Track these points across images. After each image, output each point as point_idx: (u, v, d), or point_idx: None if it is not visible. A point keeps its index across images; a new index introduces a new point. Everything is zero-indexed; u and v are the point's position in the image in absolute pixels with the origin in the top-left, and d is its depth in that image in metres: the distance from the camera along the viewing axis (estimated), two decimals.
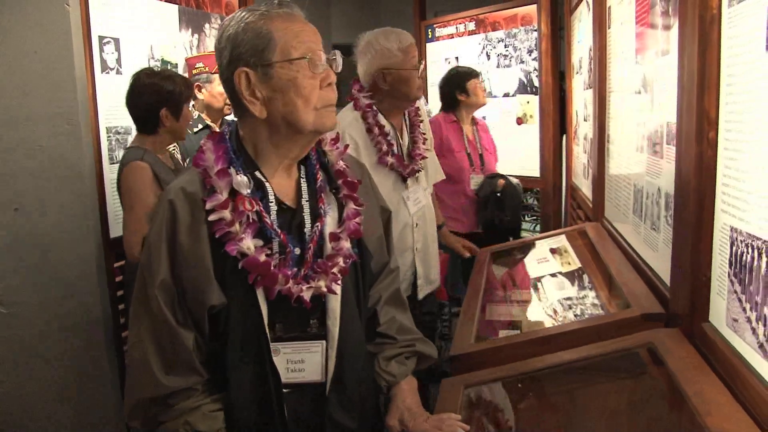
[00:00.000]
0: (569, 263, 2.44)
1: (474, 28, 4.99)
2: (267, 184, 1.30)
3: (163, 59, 3.07)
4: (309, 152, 1.38)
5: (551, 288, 2.25)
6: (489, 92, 4.81)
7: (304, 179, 1.37)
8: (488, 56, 4.86)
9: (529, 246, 2.93)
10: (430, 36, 5.45)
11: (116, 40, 2.73)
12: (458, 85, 3.73)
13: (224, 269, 1.25)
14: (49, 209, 2.46)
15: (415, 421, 1.40)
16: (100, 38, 2.64)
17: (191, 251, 1.24)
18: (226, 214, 1.24)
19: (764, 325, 1.06)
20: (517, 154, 4.64)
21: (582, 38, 3.39)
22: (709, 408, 1.10)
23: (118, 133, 2.70)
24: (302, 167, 1.38)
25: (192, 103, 3.25)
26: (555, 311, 2.00)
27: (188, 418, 1.26)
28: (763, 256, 1.06)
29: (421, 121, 2.56)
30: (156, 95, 2.38)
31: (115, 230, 2.63)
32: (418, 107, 2.57)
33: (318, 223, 1.33)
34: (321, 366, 1.33)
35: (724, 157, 1.24)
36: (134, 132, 2.54)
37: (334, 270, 1.32)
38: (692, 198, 1.34)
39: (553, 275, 2.37)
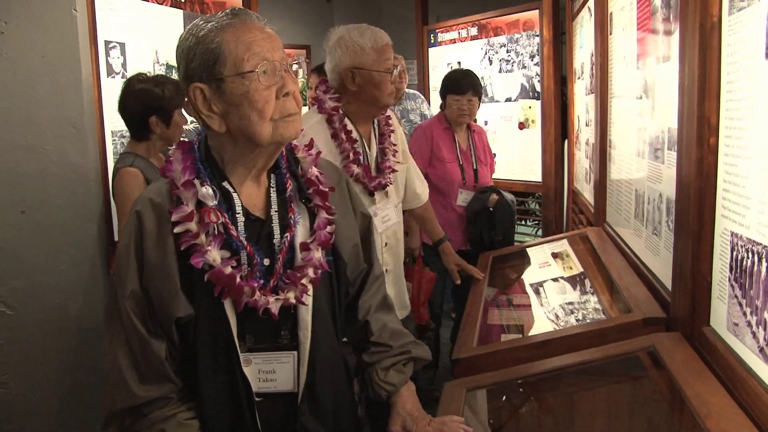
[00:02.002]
0: (571, 268, 2.45)
1: (476, 33, 5.01)
2: (234, 195, 1.28)
3: (168, 63, 3.09)
4: (279, 160, 1.35)
5: (553, 292, 2.26)
6: (491, 97, 4.83)
7: (274, 189, 1.34)
8: (490, 61, 4.87)
9: (531, 250, 2.94)
10: (432, 41, 5.47)
11: (122, 45, 2.75)
12: (442, 93, 3.44)
13: (192, 281, 1.23)
14: (54, 212, 2.47)
15: (418, 426, 1.41)
16: (106, 42, 2.66)
17: (158, 263, 1.23)
18: (192, 225, 1.22)
19: (764, 329, 1.08)
20: (519, 158, 4.66)
21: (584, 43, 3.41)
22: (709, 410, 1.11)
23: (123, 137, 2.71)
24: (272, 176, 1.35)
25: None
26: (557, 316, 2.01)
27: (163, 426, 1.25)
28: (763, 260, 1.07)
29: (393, 131, 2.34)
30: (144, 103, 2.35)
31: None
32: (390, 116, 2.36)
33: (287, 234, 1.30)
34: (293, 376, 1.32)
35: (725, 162, 1.26)
36: None
37: (304, 281, 1.29)
38: (693, 203, 1.35)
39: (555, 280, 2.38)
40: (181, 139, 1.34)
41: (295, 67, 1.25)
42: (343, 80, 2.13)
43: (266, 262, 1.28)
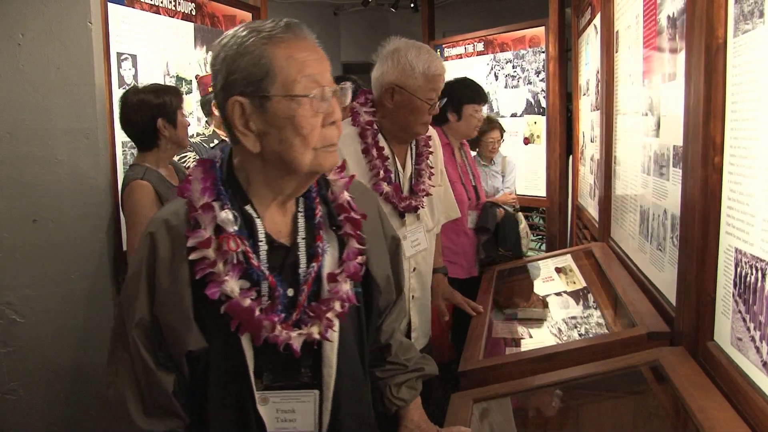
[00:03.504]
0: (574, 282, 2.47)
1: (482, 49, 5.06)
2: (257, 221, 1.17)
3: (178, 75, 3.13)
4: None
5: (556, 307, 2.28)
6: (496, 112, 4.86)
7: (302, 214, 1.23)
8: (496, 76, 4.92)
9: (534, 265, 2.96)
10: (439, 56, 5.51)
11: (134, 57, 2.79)
12: (453, 102, 2.96)
13: (206, 311, 1.13)
14: (66, 221, 2.50)
15: None
16: (119, 54, 2.70)
17: (170, 291, 1.13)
18: (209, 253, 1.12)
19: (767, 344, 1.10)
20: (524, 173, 4.69)
21: (589, 61, 3.45)
22: (712, 423, 1.13)
23: (134, 147, 2.74)
24: (300, 200, 1.25)
25: (206, 119, 3.31)
26: (560, 330, 2.03)
27: None
28: (767, 277, 1.10)
29: (431, 152, 2.21)
30: (147, 109, 2.35)
31: None
32: (431, 135, 2.22)
33: (314, 263, 1.19)
34: (314, 417, 1.19)
35: (729, 181, 1.28)
36: None
37: (329, 315, 1.18)
38: (698, 220, 1.37)
39: (559, 294, 2.40)
40: (197, 157, 1.24)
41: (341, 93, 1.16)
42: (382, 94, 2.04)
43: (290, 292, 1.17)
